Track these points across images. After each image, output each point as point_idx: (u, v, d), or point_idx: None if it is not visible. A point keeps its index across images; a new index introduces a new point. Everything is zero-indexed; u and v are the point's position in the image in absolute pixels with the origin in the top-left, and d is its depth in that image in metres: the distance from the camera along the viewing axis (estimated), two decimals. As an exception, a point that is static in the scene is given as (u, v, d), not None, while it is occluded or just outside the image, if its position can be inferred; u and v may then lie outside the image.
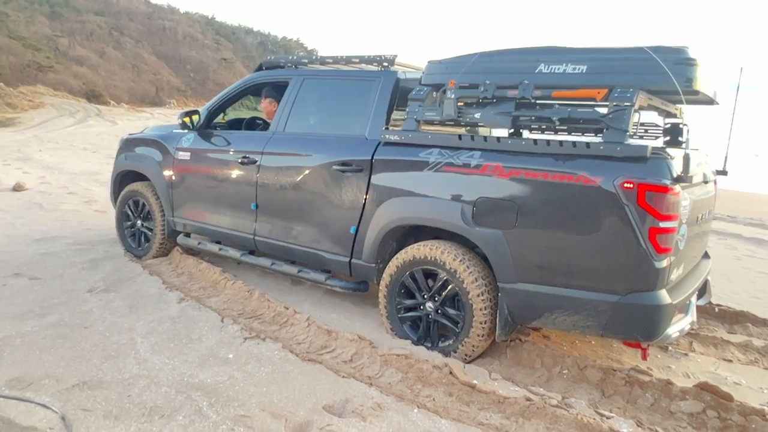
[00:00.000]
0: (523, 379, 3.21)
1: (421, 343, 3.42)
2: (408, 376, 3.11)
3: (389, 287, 3.54)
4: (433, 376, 3.07)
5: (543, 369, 3.30)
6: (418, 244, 3.41)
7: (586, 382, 3.15)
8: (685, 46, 2.90)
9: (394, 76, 3.77)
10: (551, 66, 3.11)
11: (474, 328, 3.22)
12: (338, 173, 3.75)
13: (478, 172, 3.17)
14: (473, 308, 3.20)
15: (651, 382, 3.01)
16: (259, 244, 4.31)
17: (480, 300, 3.18)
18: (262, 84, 4.57)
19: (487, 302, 3.19)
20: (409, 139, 3.47)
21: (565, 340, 3.69)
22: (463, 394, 2.94)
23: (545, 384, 3.15)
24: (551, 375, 3.25)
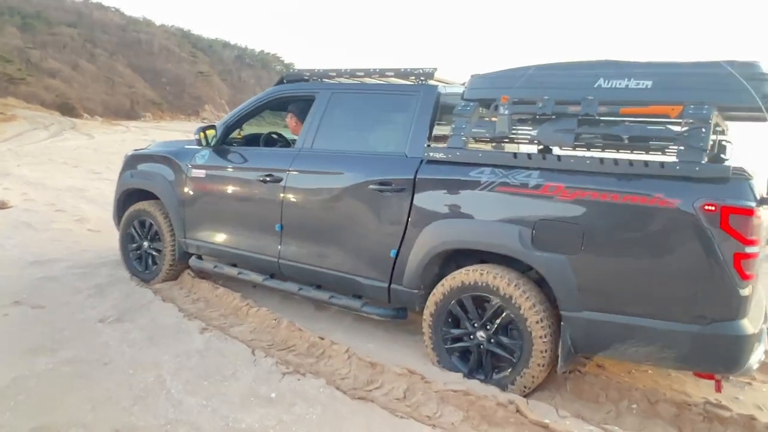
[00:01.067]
0: (591, 415, 2.99)
1: (473, 376, 3.20)
2: (470, 414, 2.88)
3: (435, 315, 3.32)
4: (499, 414, 2.85)
5: (609, 404, 3.09)
6: (466, 269, 3.20)
7: (659, 417, 2.95)
8: (756, 60, 2.77)
9: (435, 90, 3.57)
10: (612, 81, 2.95)
11: (534, 358, 3.01)
12: (375, 193, 3.52)
13: (538, 192, 2.98)
14: (532, 336, 3.00)
15: (732, 417, 2.82)
16: (284, 267, 4.05)
17: (539, 327, 2.98)
18: (284, 99, 4.34)
19: (547, 329, 2.99)
20: (457, 158, 3.27)
21: (621, 370, 3.50)
22: (534, 433, 2.72)
23: (616, 421, 2.95)
24: (619, 410, 3.04)
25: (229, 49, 71.35)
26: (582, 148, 3.17)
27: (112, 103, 47.43)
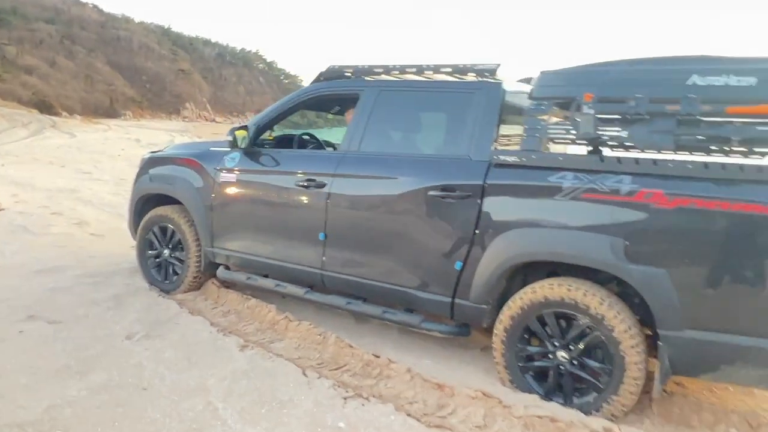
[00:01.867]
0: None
1: (550, 398, 2.94)
2: (560, 442, 2.62)
3: (509, 332, 3.05)
4: (592, 442, 2.59)
5: (704, 428, 2.86)
6: (550, 283, 2.93)
7: (761, 442, 2.73)
8: None
9: (499, 87, 3.30)
10: (708, 78, 2.71)
11: (626, 385, 2.75)
12: (437, 200, 3.24)
13: (632, 199, 2.72)
14: (625, 361, 2.74)
15: None
16: (327, 279, 3.75)
17: (635, 352, 2.73)
18: (323, 97, 4.02)
19: (643, 354, 2.74)
20: (532, 161, 3.00)
21: (700, 387, 3.27)
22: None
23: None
24: (718, 435, 2.81)
25: (210, 47, 70.32)
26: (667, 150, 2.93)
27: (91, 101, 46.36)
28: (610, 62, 3.05)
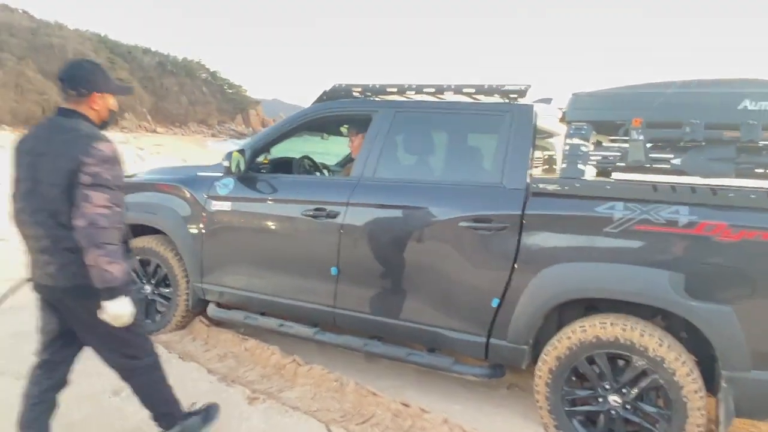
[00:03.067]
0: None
1: None
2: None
3: (555, 373, 2.81)
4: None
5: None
6: (602, 321, 2.71)
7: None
8: None
9: (531, 110, 3.09)
10: (760, 102, 2.57)
11: (690, 417, 2.56)
12: (469, 231, 2.98)
13: (691, 232, 2.54)
14: (687, 407, 2.55)
15: None
16: (340, 318, 3.42)
17: (698, 398, 2.54)
18: (329, 118, 3.71)
19: (705, 399, 2.56)
20: (577, 190, 2.79)
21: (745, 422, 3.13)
22: None
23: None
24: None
25: (149, 56, 68.02)
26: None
27: (21, 111, 43.88)
28: (650, 85, 2.89)
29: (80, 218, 2.04)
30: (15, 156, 2.22)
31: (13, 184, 2.22)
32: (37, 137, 2.19)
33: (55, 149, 2.11)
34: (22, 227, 2.18)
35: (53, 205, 2.10)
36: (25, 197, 2.15)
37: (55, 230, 2.11)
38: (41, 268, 2.17)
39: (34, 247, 2.17)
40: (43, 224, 2.11)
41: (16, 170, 2.21)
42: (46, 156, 2.12)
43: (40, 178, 2.11)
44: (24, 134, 2.26)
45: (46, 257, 2.14)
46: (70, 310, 2.23)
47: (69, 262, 2.11)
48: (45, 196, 2.10)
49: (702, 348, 2.64)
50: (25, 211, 2.15)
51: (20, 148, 2.21)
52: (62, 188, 2.07)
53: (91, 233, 2.03)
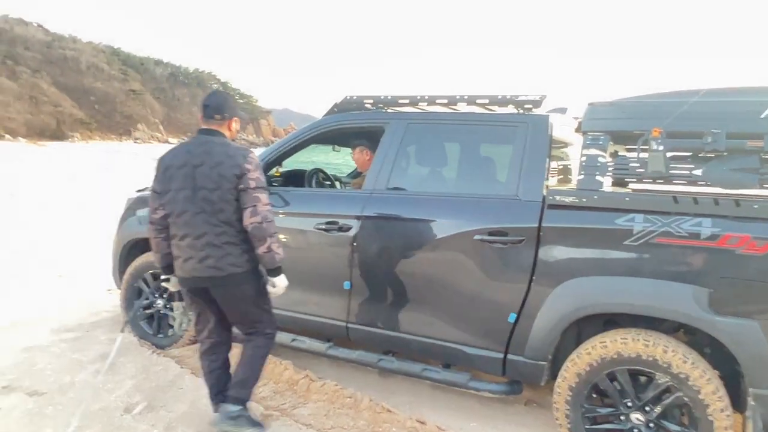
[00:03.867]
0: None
1: None
2: None
3: (575, 390, 2.74)
4: None
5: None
6: (624, 337, 2.64)
7: None
8: None
9: (547, 120, 3.03)
10: (784, 111, 2.49)
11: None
12: (483, 245, 2.93)
13: (715, 245, 2.47)
14: (713, 427, 2.47)
15: None
16: (354, 333, 3.37)
17: (724, 416, 2.46)
18: (340, 130, 3.67)
19: (732, 418, 2.47)
20: (596, 202, 2.73)
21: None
22: None
23: None
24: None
25: (161, 67, 68.85)
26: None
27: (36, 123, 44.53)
28: (668, 94, 2.83)
29: (256, 216, 2.56)
30: (164, 169, 2.66)
31: (162, 194, 2.65)
32: (190, 152, 2.62)
33: (215, 160, 2.58)
34: (182, 228, 2.61)
35: (216, 206, 2.57)
36: (185, 202, 2.58)
37: (216, 227, 2.58)
38: (201, 262, 2.59)
39: (194, 244, 2.59)
40: (206, 223, 2.57)
41: (167, 182, 2.63)
42: (205, 166, 2.57)
43: (201, 185, 2.57)
44: (170, 151, 2.72)
45: (208, 251, 2.58)
46: (225, 293, 2.69)
47: (228, 253, 2.60)
48: (206, 199, 2.56)
49: (726, 364, 2.56)
50: (186, 214, 2.58)
51: (172, 163, 2.65)
52: (223, 191, 2.56)
53: (265, 227, 2.58)
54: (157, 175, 2.68)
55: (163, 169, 2.66)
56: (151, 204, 2.69)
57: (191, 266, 2.62)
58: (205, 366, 2.90)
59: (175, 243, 2.66)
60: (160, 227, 2.70)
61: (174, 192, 2.61)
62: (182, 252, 2.63)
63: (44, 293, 5.38)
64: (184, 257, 2.63)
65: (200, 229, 2.57)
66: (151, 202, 2.69)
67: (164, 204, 2.64)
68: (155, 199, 2.67)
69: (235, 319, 2.84)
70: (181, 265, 2.66)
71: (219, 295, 2.70)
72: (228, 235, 2.60)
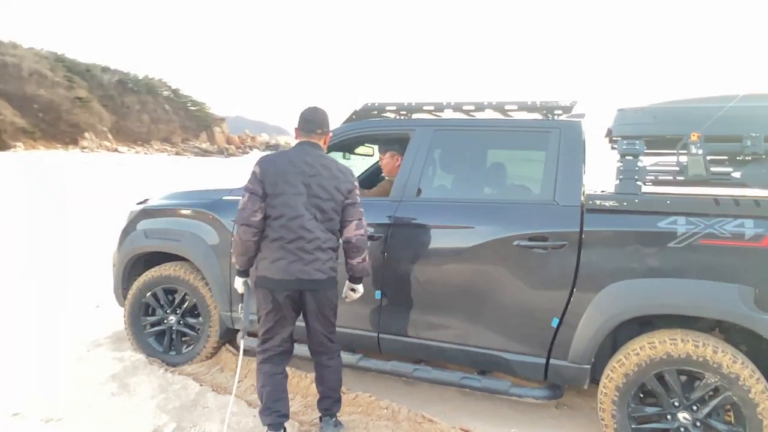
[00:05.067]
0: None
1: None
2: None
3: (622, 390, 2.78)
4: None
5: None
6: (673, 337, 2.69)
7: None
8: None
9: (580, 126, 3.08)
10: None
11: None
12: (524, 251, 2.94)
13: (759, 245, 2.56)
14: (762, 425, 2.54)
15: None
16: (385, 343, 3.33)
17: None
18: (362, 137, 3.63)
19: None
20: (636, 206, 2.78)
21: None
22: None
23: None
24: None
25: (109, 74, 66.74)
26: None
27: (-25, 131, 42.37)
28: (697, 99, 2.93)
29: (360, 229, 2.81)
30: (275, 173, 2.70)
31: (272, 197, 2.69)
32: (303, 162, 2.74)
33: (332, 173, 2.75)
34: (294, 231, 2.67)
35: (328, 215, 2.74)
36: (301, 207, 2.68)
37: (325, 234, 2.73)
38: (309, 264, 2.69)
39: (305, 247, 2.68)
40: (317, 228, 2.70)
41: (280, 185, 2.68)
42: (321, 177, 2.73)
43: (317, 193, 2.71)
44: (274, 156, 2.81)
45: (318, 254, 2.70)
46: (321, 297, 2.77)
47: (330, 258, 2.76)
48: (319, 207, 2.71)
49: (762, 361, 2.66)
50: (302, 218, 2.67)
51: (285, 169, 2.72)
52: (335, 203, 2.74)
53: (364, 239, 2.82)
54: (261, 178, 2.70)
55: (273, 172, 2.70)
56: (250, 206, 2.67)
57: (297, 268, 2.68)
58: (267, 370, 2.82)
59: (279, 245, 2.68)
60: (257, 230, 2.70)
61: (289, 196, 2.68)
62: (287, 254, 2.68)
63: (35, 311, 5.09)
64: (289, 259, 2.68)
65: (313, 233, 2.69)
66: (250, 204, 2.67)
67: (274, 206, 2.68)
68: (256, 201, 2.68)
69: (320, 325, 2.84)
70: (284, 267, 2.68)
71: (315, 299, 2.76)
72: (332, 242, 2.77)
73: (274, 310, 2.76)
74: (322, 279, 2.72)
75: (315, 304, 2.77)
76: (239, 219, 2.71)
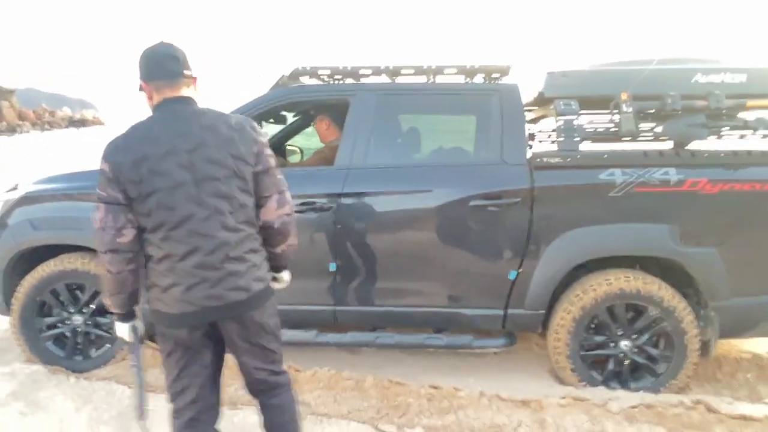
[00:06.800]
0: (733, 393, 3.18)
1: (606, 384, 3.12)
2: (671, 427, 2.74)
3: (578, 322, 3.06)
4: (695, 418, 2.79)
5: (730, 379, 3.32)
6: (626, 276, 3.03)
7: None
8: None
9: (517, 88, 3.25)
10: (708, 76, 3.09)
11: (685, 369, 3.07)
12: (480, 210, 3.06)
13: (681, 189, 2.96)
14: (688, 350, 3.03)
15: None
16: (342, 315, 3.26)
17: (696, 341, 3.03)
18: (294, 103, 3.44)
19: (700, 342, 3.04)
20: (579, 161, 3.04)
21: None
22: (739, 427, 2.74)
23: (754, 393, 3.17)
24: (741, 382, 3.29)
25: None
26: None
27: None
28: (619, 62, 3.26)
29: (284, 206, 2.03)
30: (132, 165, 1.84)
31: (139, 202, 1.86)
32: (173, 133, 1.88)
33: (222, 136, 1.92)
34: (183, 244, 1.86)
35: (236, 200, 1.92)
36: (187, 204, 1.87)
37: (237, 232, 1.92)
38: (217, 284, 1.87)
39: (206, 262, 1.86)
40: (223, 228, 1.89)
41: (146, 182, 1.85)
42: (206, 148, 1.89)
43: (208, 173, 1.89)
44: (128, 138, 1.89)
45: (229, 266, 1.88)
46: (245, 323, 1.95)
47: (254, 265, 1.96)
48: (219, 194, 1.90)
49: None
50: (191, 220, 1.86)
51: (146, 153, 1.85)
52: (241, 178, 1.93)
53: (290, 219, 2.07)
54: (115, 177, 1.80)
55: (131, 164, 1.79)
56: (111, 223, 1.80)
57: (201, 294, 1.85)
58: None
59: (168, 267, 1.85)
60: (131, 254, 1.84)
61: (165, 192, 1.80)
62: (184, 278, 1.84)
63: None
64: (186, 284, 1.84)
65: (217, 238, 1.84)
66: (111, 219, 1.80)
67: (147, 213, 1.81)
68: (119, 213, 1.81)
69: (256, 358, 2.04)
70: (179, 296, 1.85)
71: (241, 327, 1.95)
72: (251, 240, 1.94)
73: (176, 353, 1.96)
74: (243, 299, 1.89)
75: (241, 333, 1.96)
76: (100, 244, 1.83)
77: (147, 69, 1.90)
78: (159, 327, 1.95)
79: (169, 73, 1.89)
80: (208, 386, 2.02)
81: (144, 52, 1.92)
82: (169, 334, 1.94)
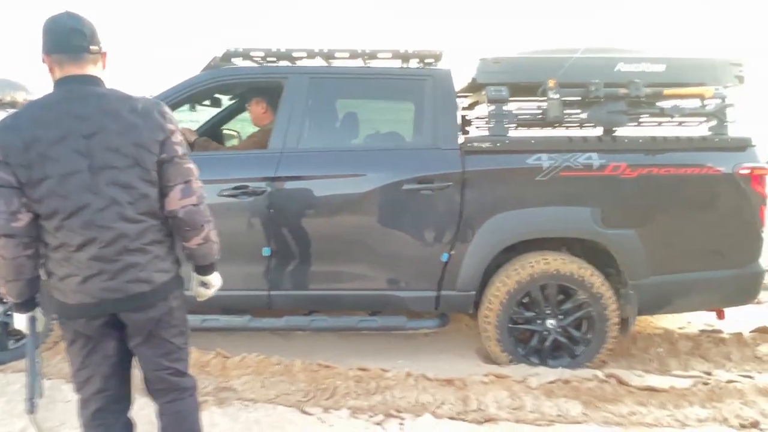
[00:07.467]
0: (645, 367, 3.36)
1: (528, 359, 3.24)
2: (585, 400, 2.86)
3: (512, 295, 3.14)
4: (608, 390, 2.93)
5: (642, 353, 3.52)
6: (563, 258, 3.14)
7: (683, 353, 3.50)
8: None
9: (450, 73, 3.29)
10: (630, 65, 3.23)
11: (600, 354, 3.24)
12: (412, 193, 3.09)
13: (603, 173, 3.09)
14: (606, 336, 3.18)
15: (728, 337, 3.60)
16: (277, 299, 3.22)
17: (615, 328, 3.18)
18: (225, 86, 3.37)
19: (618, 318, 3.18)
20: (508, 146, 3.12)
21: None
22: (647, 398, 2.88)
23: (664, 366, 3.36)
24: (652, 356, 3.49)
25: None
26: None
27: None
28: (546, 51, 3.35)
29: (190, 196, 1.84)
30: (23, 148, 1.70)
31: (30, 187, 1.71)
32: (70, 115, 1.73)
33: (125, 122, 1.77)
34: (79, 233, 1.74)
35: (137, 191, 1.79)
36: (82, 193, 1.74)
37: (137, 223, 1.80)
38: (116, 276, 1.75)
39: (103, 254, 1.74)
40: (122, 219, 1.77)
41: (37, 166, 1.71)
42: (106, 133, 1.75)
43: (106, 161, 1.76)
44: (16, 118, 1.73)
45: (127, 258, 1.76)
46: (149, 316, 1.83)
47: (156, 256, 1.83)
48: (118, 183, 1.77)
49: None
50: (87, 210, 1.73)
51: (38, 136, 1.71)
52: (143, 168, 1.79)
53: (203, 210, 1.88)
54: (5, 159, 1.66)
55: (21, 147, 1.66)
56: (3, 207, 1.67)
57: (99, 286, 1.74)
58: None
59: (63, 256, 1.73)
60: (27, 239, 1.70)
61: (57, 180, 1.68)
62: (80, 269, 1.73)
63: None
64: (83, 275, 1.74)
65: (114, 229, 1.73)
66: (3, 203, 1.67)
67: (39, 200, 1.69)
68: (11, 197, 1.67)
69: (157, 354, 1.91)
70: (75, 287, 1.74)
71: (138, 322, 1.83)
72: (153, 231, 1.82)
73: (78, 343, 1.85)
74: (146, 291, 1.80)
75: (143, 325, 1.84)
76: None
77: (48, 41, 1.74)
78: (58, 317, 1.84)
79: (72, 48, 1.72)
80: (115, 376, 1.90)
81: (46, 23, 1.74)
82: (68, 324, 1.83)
